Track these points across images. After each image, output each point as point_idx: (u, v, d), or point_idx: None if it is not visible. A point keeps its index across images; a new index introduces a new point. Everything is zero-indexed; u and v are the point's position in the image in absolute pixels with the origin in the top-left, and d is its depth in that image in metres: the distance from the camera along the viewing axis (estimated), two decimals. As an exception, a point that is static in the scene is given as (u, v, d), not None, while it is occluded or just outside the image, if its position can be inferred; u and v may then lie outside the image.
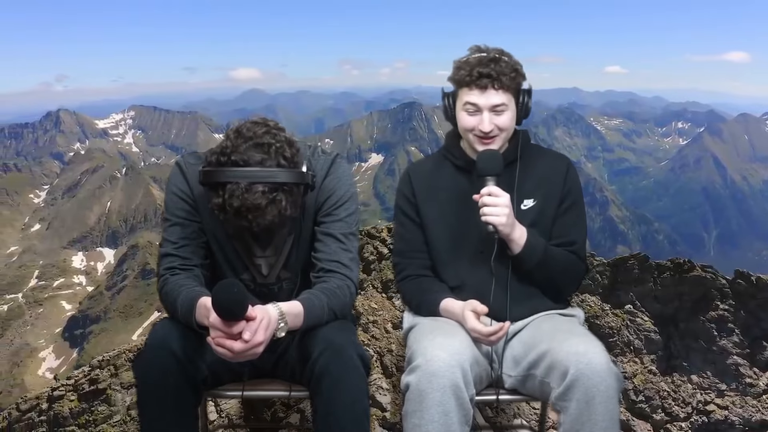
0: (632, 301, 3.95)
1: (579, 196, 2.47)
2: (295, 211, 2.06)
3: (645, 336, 3.87)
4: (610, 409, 1.95)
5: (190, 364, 1.98)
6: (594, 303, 3.97)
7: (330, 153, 2.33)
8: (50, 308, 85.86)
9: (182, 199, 2.20)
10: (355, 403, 1.96)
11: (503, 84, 2.24)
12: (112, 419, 3.21)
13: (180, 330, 2.02)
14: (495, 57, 2.26)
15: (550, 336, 2.16)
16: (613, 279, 4.00)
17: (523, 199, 2.39)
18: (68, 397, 3.28)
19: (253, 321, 1.84)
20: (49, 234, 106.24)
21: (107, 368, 3.33)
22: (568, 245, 2.39)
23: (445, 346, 2.02)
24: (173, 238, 2.20)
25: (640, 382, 3.76)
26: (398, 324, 3.77)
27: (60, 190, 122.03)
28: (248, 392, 2.27)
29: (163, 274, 2.17)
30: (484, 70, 2.23)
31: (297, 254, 2.29)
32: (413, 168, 2.57)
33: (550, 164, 2.46)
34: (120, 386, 3.29)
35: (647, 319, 3.90)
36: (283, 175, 1.95)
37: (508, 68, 2.25)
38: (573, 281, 2.48)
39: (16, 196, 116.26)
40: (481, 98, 2.25)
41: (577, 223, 2.44)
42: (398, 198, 2.53)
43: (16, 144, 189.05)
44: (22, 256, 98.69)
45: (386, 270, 3.84)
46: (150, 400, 1.95)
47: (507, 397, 2.31)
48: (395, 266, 2.54)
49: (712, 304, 3.79)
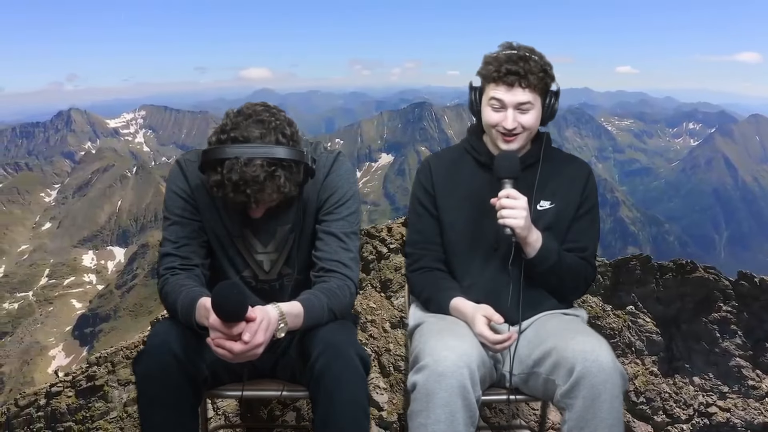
0: (634, 302, 3.92)
1: (595, 203, 2.48)
2: (294, 190, 2.05)
3: (647, 337, 3.84)
4: (616, 407, 1.96)
5: (191, 364, 1.97)
6: (596, 304, 3.95)
7: (332, 151, 2.33)
8: (60, 306, 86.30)
9: (182, 197, 2.20)
10: (354, 403, 1.95)
11: (530, 83, 2.23)
12: (108, 416, 3.22)
13: (180, 330, 2.01)
14: (525, 55, 2.24)
15: (555, 334, 2.17)
16: (615, 280, 3.97)
17: (540, 200, 2.39)
18: (66, 394, 3.30)
19: (253, 322, 1.83)
20: (60, 233, 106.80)
21: (105, 365, 3.35)
22: (580, 251, 2.40)
23: (454, 347, 2.01)
24: (173, 238, 2.19)
25: (641, 383, 3.73)
26: (396, 324, 3.76)
27: (71, 189, 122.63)
28: (248, 392, 2.26)
29: (164, 274, 2.17)
30: (512, 68, 2.22)
31: (298, 251, 2.29)
32: (434, 159, 2.55)
33: (571, 169, 2.47)
34: (117, 383, 3.30)
35: (649, 321, 3.87)
36: (281, 151, 1.95)
37: (537, 67, 2.24)
38: (582, 286, 2.48)
39: (27, 195, 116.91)
40: (507, 95, 2.24)
41: (591, 229, 2.45)
42: (416, 188, 2.51)
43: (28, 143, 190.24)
44: (32, 255, 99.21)
45: (385, 270, 3.83)
46: (150, 400, 1.94)
47: (511, 396, 2.30)
48: (408, 256, 2.52)
49: (715, 306, 3.76)
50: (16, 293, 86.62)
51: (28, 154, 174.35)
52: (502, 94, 2.25)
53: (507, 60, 2.24)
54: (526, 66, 2.22)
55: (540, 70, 2.25)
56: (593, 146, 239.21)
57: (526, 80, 2.23)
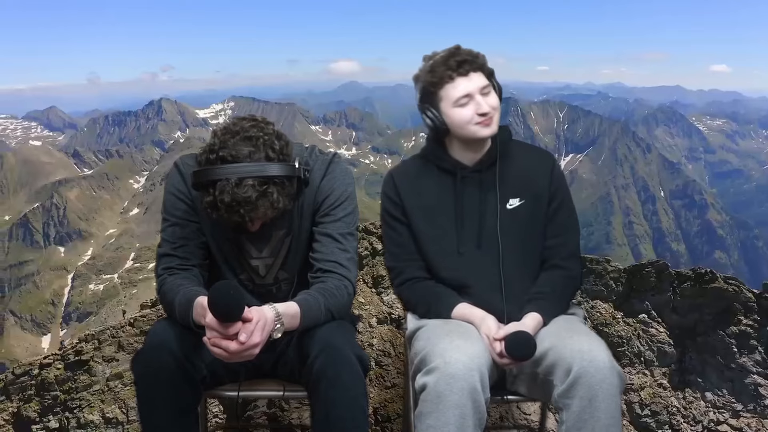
0: (647, 310, 3.75)
1: (567, 193, 2.47)
2: (289, 204, 2.06)
3: (658, 347, 3.67)
4: (613, 407, 1.97)
5: (190, 364, 2.00)
6: (605, 310, 3.80)
7: (327, 153, 2.33)
8: (143, 289, 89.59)
9: (180, 199, 2.23)
10: (353, 404, 1.96)
11: (479, 65, 2.29)
12: (92, 388, 3.43)
13: (179, 330, 2.04)
14: (455, 49, 2.29)
15: (552, 334, 2.16)
16: (628, 286, 3.81)
17: (508, 198, 2.38)
18: (55, 366, 3.51)
19: (249, 322, 1.84)
20: (146, 218, 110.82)
21: (92, 342, 3.54)
22: (562, 246, 2.41)
23: (464, 349, 2.02)
24: (171, 239, 2.22)
25: (647, 395, 3.58)
26: (383, 320, 3.75)
27: (159, 177, 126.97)
28: (246, 392, 2.28)
29: (161, 274, 2.20)
30: (459, 59, 2.25)
31: (295, 255, 2.30)
32: (396, 171, 2.54)
33: (533, 161, 2.46)
34: (102, 359, 3.50)
35: (662, 330, 3.70)
36: (272, 168, 1.96)
37: (472, 53, 2.29)
38: (574, 292, 2.50)
39: (116, 181, 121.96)
40: (469, 84, 2.26)
41: (569, 222, 2.45)
42: (385, 202, 2.50)
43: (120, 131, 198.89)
44: (119, 239, 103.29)
45: (378, 266, 3.83)
46: (150, 400, 1.97)
47: (511, 397, 2.31)
48: (391, 270, 2.52)
49: (735, 319, 3.55)
50: (102, 275, 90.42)
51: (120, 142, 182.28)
52: (464, 86, 2.26)
53: (448, 56, 2.28)
54: (466, 54, 2.28)
55: (476, 54, 2.30)
56: (683, 146, 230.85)
57: (476, 63, 2.28)
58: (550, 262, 2.42)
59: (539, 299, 2.31)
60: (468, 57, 2.26)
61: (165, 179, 2.33)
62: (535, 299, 2.31)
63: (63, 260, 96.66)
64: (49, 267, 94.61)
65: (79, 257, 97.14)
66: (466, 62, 2.25)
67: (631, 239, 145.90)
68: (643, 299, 3.77)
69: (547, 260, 2.43)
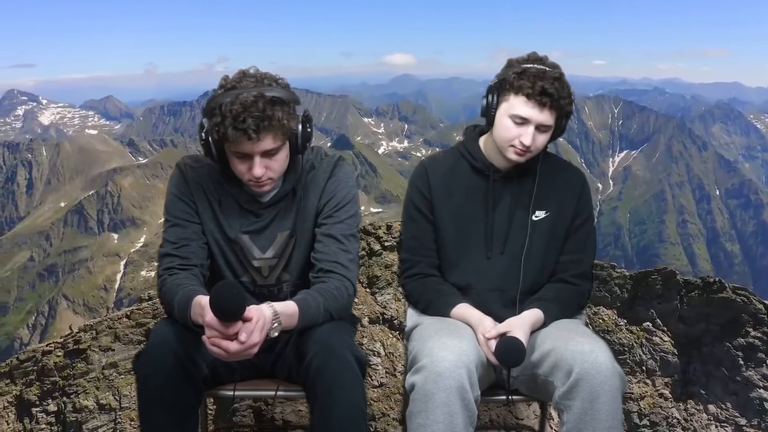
0: (652, 318, 3.66)
1: (591, 214, 2.45)
2: (295, 127, 2.10)
3: (661, 357, 3.59)
4: (614, 409, 1.97)
5: (192, 364, 1.99)
6: (608, 317, 3.73)
7: (333, 156, 2.35)
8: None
9: (182, 200, 2.24)
10: (351, 404, 1.95)
11: (559, 107, 2.20)
12: (88, 375, 3.55)
13: (180, 329, 2.04)
14: (558, 76, 2.19)
15: (554, 335, 2.16)
16: (633, 293, 3.72)
17: (535, 210, 2.38)
18: (56, 353, 3.64)
19: (249, 322, 1.84)
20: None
21: (90, 332, 3.66)
22: (576, 263, 2.39)
23: (452, 347, 2.01)
24: (172, 239, 2.22)
25: (647, 405, 3.50)
26: (375, 320, 3.76)
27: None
28: (245, 391, 2.30)
29: (162, 274, 2.20)
30: (548, 88, 2.15)
31: (297, 256, 2.30)
32: (429, 163, 2.51)
33: (566, 177, 2.44)
34: (98, 348, 3.60)
35: (666, 339, 3.61)
36: (276, 90, 2.02)
37: (566, 92, 2.20)
38: (578, 308, 2.46)
39: (170, 170, 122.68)
40: (535, 114, 2.18)
41: (588, 241, 2.43)
42: (412, 193, 2.48)
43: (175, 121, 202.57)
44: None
45: (374, 267, 3.82)
46: (151, 399, 1.96)
47: (512, 397, 2.31)
48: (403, 262, 2.52)
49: (743, 330, 3.44)
50: (154, 262, 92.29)
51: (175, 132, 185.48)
52: (529, 112, 2.18)
53: (542, 77, 2.17)
54: (559, 88, 2.17)
55: (568, 94, 2.21)
56: (740, 144, 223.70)
57: (557, 104, 2.18)
58: (560, 276, 2.40)
59: (542, 300, 2.30)
60: (554, 92, 2.15)
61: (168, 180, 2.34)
62: (538, 299, 2.31)
63: (116, 247, 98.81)
64: (102, 253, 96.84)
65: (131, 244, 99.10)
66: (548, 95, 2.15)
67: (685, 238, 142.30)
68: (649, 307, 3.68)
69: (557, 274, 2.40)
